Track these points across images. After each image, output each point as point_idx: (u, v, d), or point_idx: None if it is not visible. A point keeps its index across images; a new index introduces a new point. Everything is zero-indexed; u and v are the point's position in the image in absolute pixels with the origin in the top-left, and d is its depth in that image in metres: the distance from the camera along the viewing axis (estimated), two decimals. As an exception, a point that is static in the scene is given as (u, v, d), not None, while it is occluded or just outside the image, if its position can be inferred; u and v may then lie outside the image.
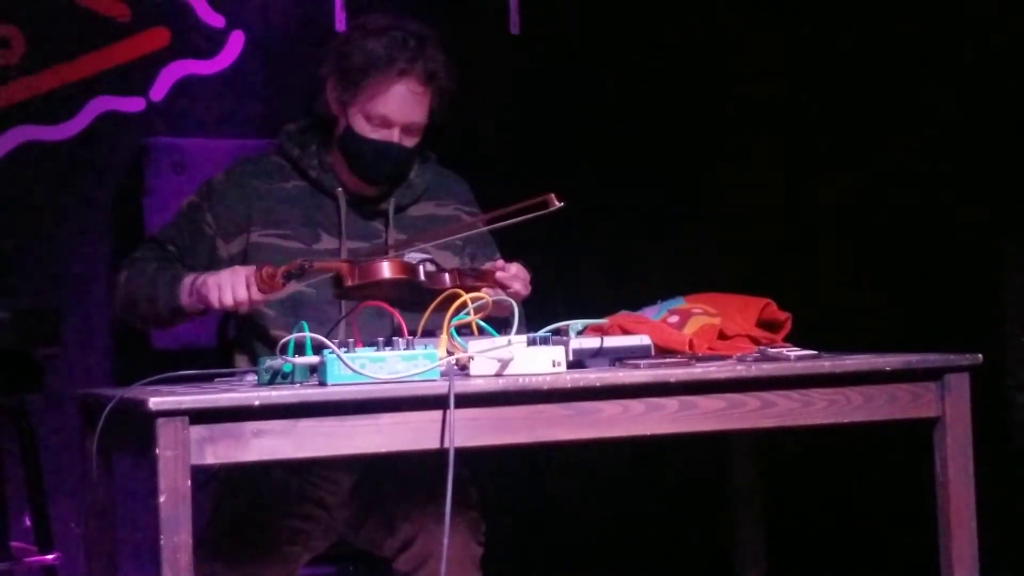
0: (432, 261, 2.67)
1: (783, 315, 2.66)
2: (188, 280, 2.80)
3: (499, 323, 2.49)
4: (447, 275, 2.63)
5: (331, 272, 2.63)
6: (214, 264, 2.88)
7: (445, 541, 2.24)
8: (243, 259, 2.88)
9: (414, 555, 2.81)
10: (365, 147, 2.88)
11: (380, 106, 2.86)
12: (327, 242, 2.91)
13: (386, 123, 2.88)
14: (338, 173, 2.95)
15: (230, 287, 2.68)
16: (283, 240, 2.90)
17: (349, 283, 2.58)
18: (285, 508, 2.82)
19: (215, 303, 2.71)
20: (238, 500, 2.81)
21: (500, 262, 2.76)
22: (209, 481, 2.86)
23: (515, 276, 2.73)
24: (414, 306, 2.59)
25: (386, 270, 2.58)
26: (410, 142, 2.91)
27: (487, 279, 2.68)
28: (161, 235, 2.97)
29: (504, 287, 2.68)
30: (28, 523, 3.59)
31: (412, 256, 2.69)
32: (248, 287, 2.67)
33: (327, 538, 2.89)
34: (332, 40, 3.01)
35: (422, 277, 2.60)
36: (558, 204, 2.64)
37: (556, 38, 4.24)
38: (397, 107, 2.87)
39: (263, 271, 2.64)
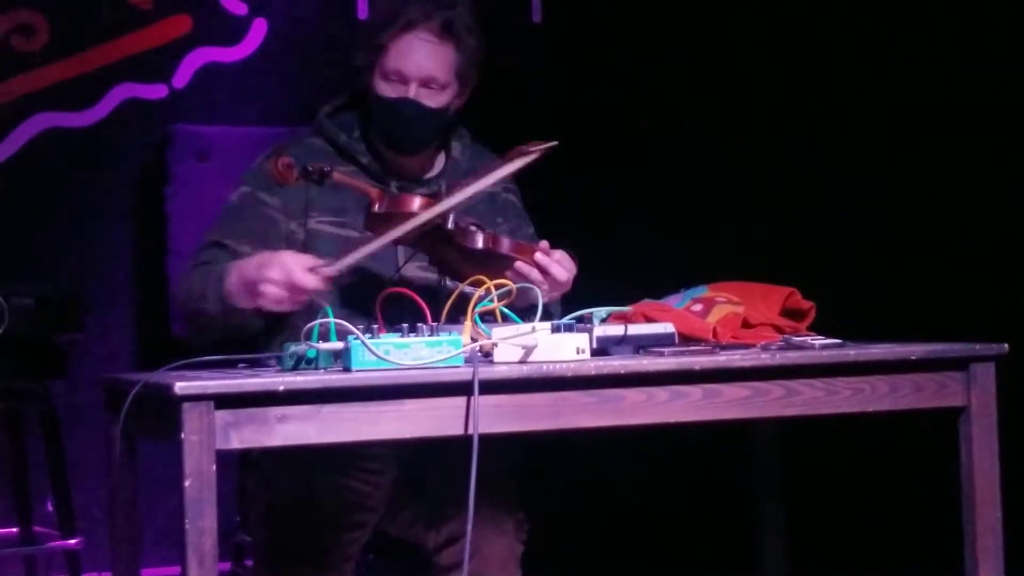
0: (477, 225, 2.64)
1: (807, 304, 2.65)
2: (236, 273, 2.61)
3: (524, 311, 2.49)
4: (480, 235, 2.60)
5: (356, 190, 2.59)
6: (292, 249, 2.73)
7: (468, 528, 2.23)
8: (303, 246, 2.78)
9: (457, 551, 2.78)
10: (383, 106, 2.82)
11: (392, 60, 2.80)
12: None
13: (402, 78, 2.80)
14: (384, 153, 2.88)
15: (285, 285, 2.48)
16: (340, 228, 2.82)
17: (376, 209, 2.56)
18: (341, 520, 2.75)
19: (270, 306, 2.52)
20: (292, 512, 2.73)
21: (545, 244, 2.69)
22: (252, 468, 2.84)
23: (557, 262, 2.66)
24: (445, 266, 2.55)
25: (415, 205, 2.55)
26: (431, 100, 2.82)
27: (524, 253, 2.64)
28: (218, 234, 2.79)
29: (542, 270, 2.63)
30: (51, 508, 3.60)
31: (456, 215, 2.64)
32: (299, 278, 2.48)
33: (368, 537, 2.84)
34: None
35: (450, 225, 2.57)
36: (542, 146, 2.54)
37: (578, 26, 4.23)
38: (408, 59, 2.79)
39: (279, 161, 2.56)
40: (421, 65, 2.80)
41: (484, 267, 2.53)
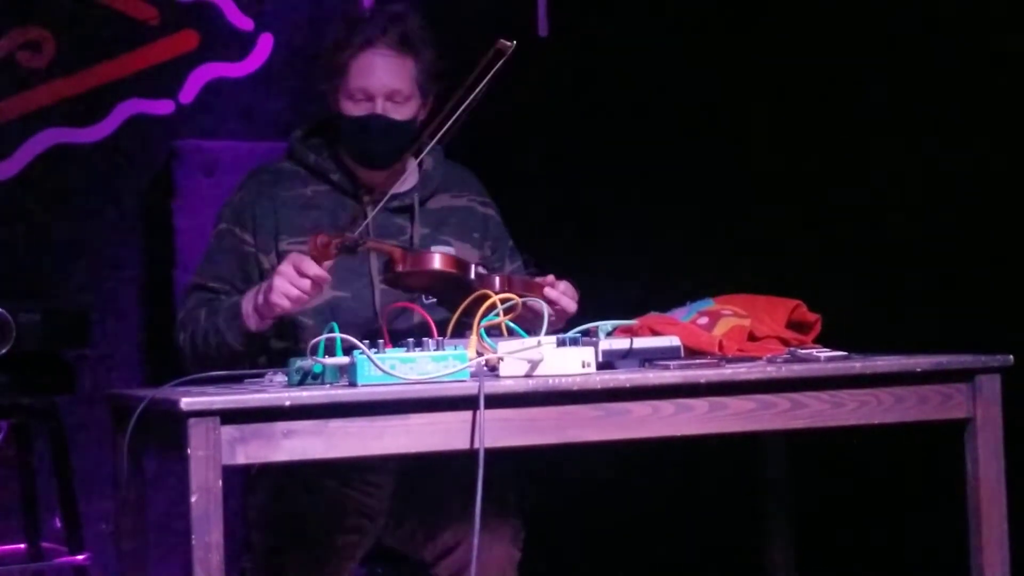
0: (483, 264, 2.70)
1: (813, 316, 2.66)
2: (247, 304, 2.73)
3: (528, 326, 2.50)
4: (497, 279, 2.66)
5: (383, 252, 2.67)
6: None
7: (475, 541, 2.24)
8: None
9: (454, 562, 2.81)
10: (352, 125, 2.86)
11: (355, 79, 2.86)
12: None
13: (367, 95, 2.85)
14: (356, 171, 2.93)
15: (296, 276, 2.61)
16: None
17: (400, 268, 2.61)
18: (338, 523, 2.78)
19: (287, 304, 2.62)
20: (291, 516, 2.77)
21: (550, 277, 2.75)
22: (253, 486, 2.86)
23: (563, 293, 2.73)
24: (455, 305, 2.61)
25: (438, 262, 2.62)
26: (398, 113, 2.87)
27: (535, 291, 2.69)
28: (202, 277, 2.90)
29: (551, 303, 2.67)
30: (59, 524, 3.60)
31: (465, 256, 2.71)
32: (305, 264, 2.60)
33: (368, 545, 2.87)
34: None
35: (472, 276, 2.63)
36: (510, 44, 2.69)
37: (584, 41, 4.24)
38: (370, 75, 2.85)
39: (317, 239, 2.61)
40: (384, 80, 2.85)
41: None
